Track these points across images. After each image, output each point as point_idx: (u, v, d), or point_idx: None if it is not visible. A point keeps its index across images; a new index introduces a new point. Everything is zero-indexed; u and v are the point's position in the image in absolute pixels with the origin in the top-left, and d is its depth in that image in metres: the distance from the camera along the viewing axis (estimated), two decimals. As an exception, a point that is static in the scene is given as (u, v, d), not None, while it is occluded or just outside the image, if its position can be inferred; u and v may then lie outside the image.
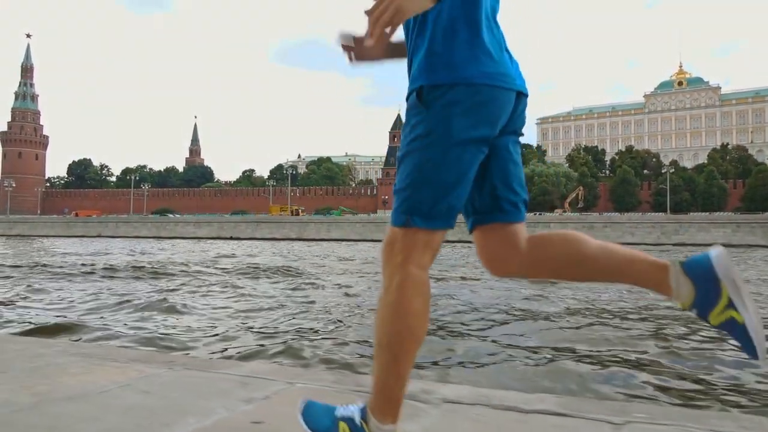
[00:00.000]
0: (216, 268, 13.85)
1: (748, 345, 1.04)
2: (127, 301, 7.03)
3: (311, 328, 5.35)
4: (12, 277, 10.79)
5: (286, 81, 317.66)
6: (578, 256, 1.13)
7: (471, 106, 1.04)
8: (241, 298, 7.87)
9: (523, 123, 1.18)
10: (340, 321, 5.83)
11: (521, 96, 1.13)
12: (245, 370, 1.68)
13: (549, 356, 4.11)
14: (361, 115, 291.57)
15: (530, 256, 1.17)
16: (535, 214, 54.03)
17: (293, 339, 4.72)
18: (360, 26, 1.06)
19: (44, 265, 13.46)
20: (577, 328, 5.48)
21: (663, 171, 66.21)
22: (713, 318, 1.07)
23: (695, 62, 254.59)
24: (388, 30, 0.92)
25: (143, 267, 13.16)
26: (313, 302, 7.41)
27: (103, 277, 10.91)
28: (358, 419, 1.11)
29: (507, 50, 1.14)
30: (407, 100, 1.11)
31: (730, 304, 1.05)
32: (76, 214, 77.92)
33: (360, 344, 4.49)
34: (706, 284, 1.07)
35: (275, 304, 7.25)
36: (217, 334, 4.95)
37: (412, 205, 1.06)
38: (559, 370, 3.65)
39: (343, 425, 1.13)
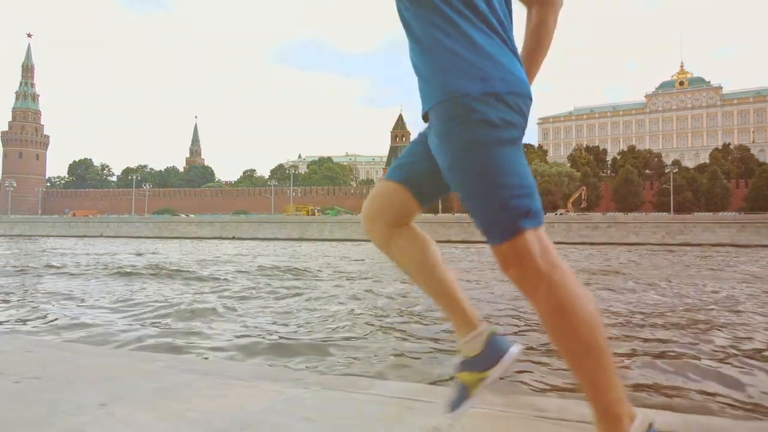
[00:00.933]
0: (258, 268, 13.57)
1: (459, 403, 1.23)
2: (187, 307, 6.80)
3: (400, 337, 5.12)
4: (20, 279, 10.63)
5: (286, 81, 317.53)
6: (429, 267, 1.26)
7: (503, 111, 1.03)
8: (307, 302, 7.65)
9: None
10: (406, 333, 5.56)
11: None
12: (391, 390, 1.53)
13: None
14: (360, 115, 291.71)
15: (393, 236, 1.25)
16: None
17: (391, 350, 4.52)
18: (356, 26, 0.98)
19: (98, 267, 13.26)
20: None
21: (667, 171, 66.09)
22: (463, 375, 1.25)
23: (695, 62, 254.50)
24: None
25: (179, 269, 12.92)
26: (379, 308, 7.13)
27: (151, 278, 10.70)
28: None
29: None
30: (431, 111, 1.09)
31: (481, 381, 1.23)
32: (74, 214, 77.84)
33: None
34: (486, 358, 1.22)
35: (342, 308, 7.06)
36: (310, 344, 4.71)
37: (511, 210, 1.03)
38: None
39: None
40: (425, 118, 1.15)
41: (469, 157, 1.03)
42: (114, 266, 13.64)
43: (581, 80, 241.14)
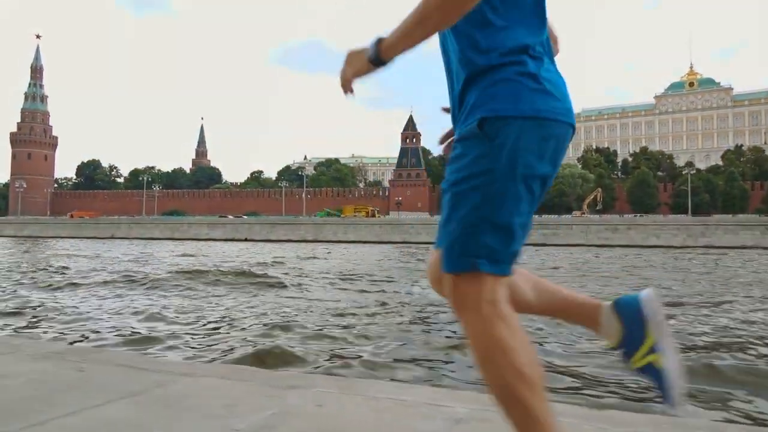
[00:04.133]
0: (337, 274, 12.99)
1: (665, 391, 1.08)
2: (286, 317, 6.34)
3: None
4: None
5: (288, 83, 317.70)
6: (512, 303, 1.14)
7: (537, 141, 0.99)
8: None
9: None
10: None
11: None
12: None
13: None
14: (365, 117, 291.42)
15: None
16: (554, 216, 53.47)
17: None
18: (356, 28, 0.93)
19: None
20: None
21: (684, 172, 65.55)
22: (636, 361, 1.11)
23: (704, 63, 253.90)
24: (347, 91, 1.09)
25: (246, 272, 12.29)
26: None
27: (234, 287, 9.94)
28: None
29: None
30: (461, 129, 1.04)
31: (653, 349, 1.09)
32: (72, 216, 77.72)
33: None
34: (632, 325, 1.11)
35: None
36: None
37: (478, 247, 0.98)
38: None
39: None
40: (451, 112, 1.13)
41: (479, 183, 0.98)
42: (205, 272, 12.24)
43: (582, 81, 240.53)
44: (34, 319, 6.23)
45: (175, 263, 16.81)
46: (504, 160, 0.97)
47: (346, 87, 1.09)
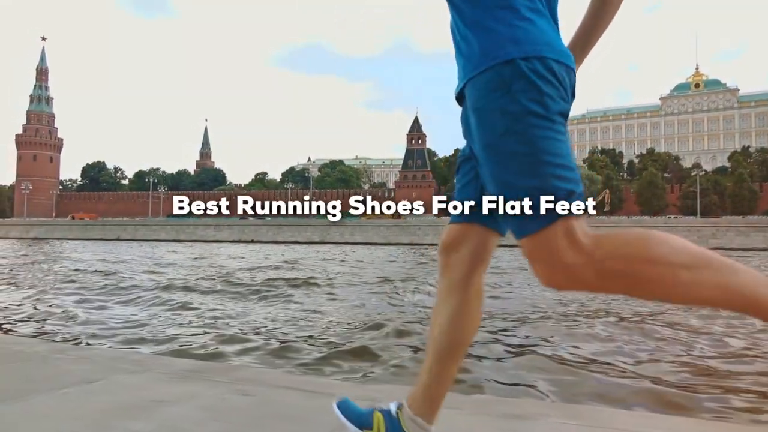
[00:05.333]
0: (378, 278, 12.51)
1: None
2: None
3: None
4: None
5: (290, 85, 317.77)
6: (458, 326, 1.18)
7: (550, 81, 0.95)
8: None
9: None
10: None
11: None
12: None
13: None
14: (366, 118, 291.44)
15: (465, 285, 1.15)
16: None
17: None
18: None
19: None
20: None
21: (693, 173, 65.21)
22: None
23: (708, 64, 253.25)
24: None
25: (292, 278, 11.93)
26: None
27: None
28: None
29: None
30: (468, 86, 1.00)
31: None
32: (73, 217, 77.79)
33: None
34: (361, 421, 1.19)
35: None
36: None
37: (553, 192, 0.91)
38: None
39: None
40: (460, 99, 1.06)
41: (511, 131, 0.93)
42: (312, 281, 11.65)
43: (586, 82, 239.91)
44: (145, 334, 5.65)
45: (251, 267, 16.21)
46: (533, 102, 0.92)
47: None
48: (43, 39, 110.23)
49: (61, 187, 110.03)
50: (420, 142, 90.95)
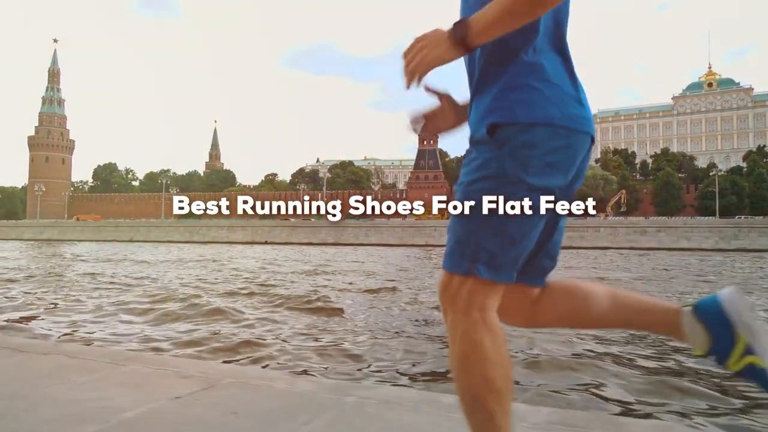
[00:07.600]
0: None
1: None
2: None
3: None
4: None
5: (298, 86, 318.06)
6: (582, 313, 1.12)
7: (549, 150, 0.96)
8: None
9: (584, 171, 1.07)
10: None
11: (591, 141, 1.04)
12: None
13: None
14: (373, 119, 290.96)
15: (535, 314, 1.15)
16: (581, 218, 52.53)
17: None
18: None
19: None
20: None
21: (711, 173, 64.42)
22: (731, 365, 1.02)
23: (721, 63, 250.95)
24: (416, 80, 0.96)
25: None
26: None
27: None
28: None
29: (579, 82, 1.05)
30: (475, 134, 1.03)
31: (748, 351, 1.00)
32: (77, 218, 78.09)
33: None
34: (719, 329, 1.02)
35: None
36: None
37: (477, 252, 0.97)
38: None
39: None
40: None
41: (491, 186, 0.96)
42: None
43: (595, 81, 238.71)
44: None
45: (317, 274, 14.63)
46: (510, 167, 0.95)
47: (421, 73, 0.95)
48: (55, 41, 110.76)
49: (72, 188, 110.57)
50: (432, 142, 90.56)
